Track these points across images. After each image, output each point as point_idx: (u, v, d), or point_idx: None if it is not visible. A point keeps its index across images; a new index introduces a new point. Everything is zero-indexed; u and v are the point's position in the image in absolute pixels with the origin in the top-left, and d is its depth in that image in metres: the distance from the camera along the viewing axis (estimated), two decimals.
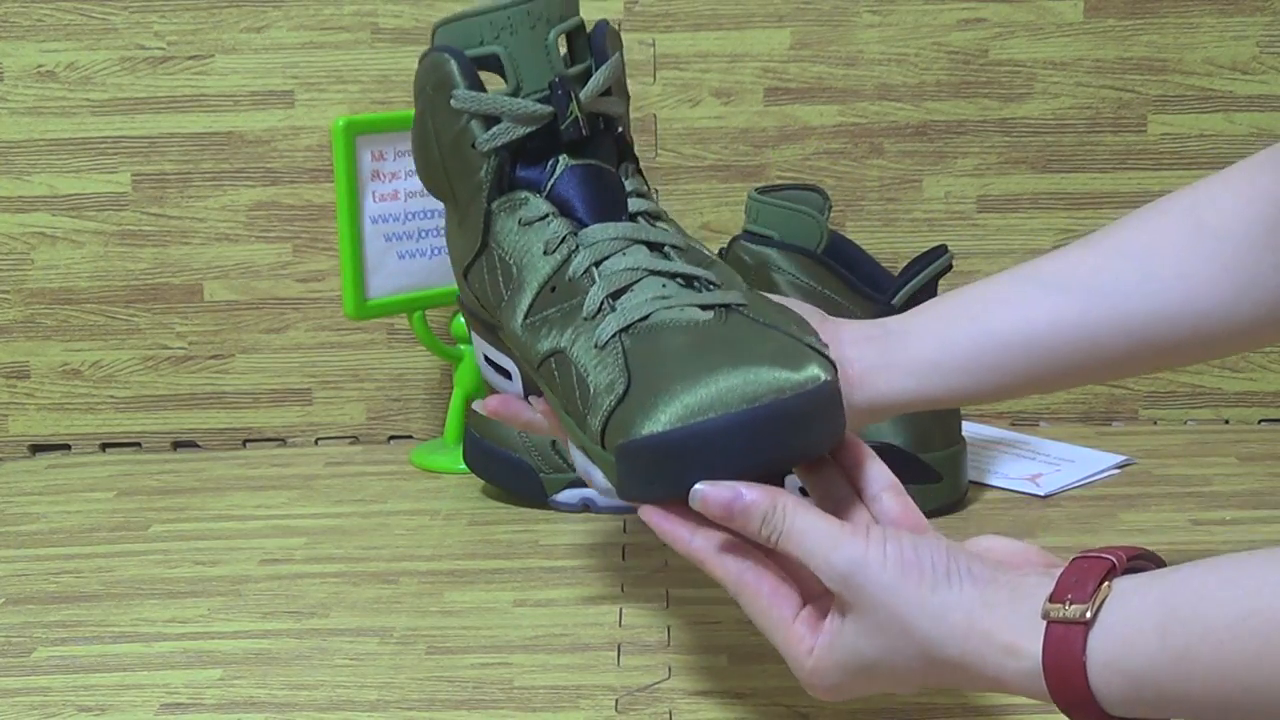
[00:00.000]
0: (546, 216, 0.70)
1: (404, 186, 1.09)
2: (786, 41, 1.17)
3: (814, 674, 0.61)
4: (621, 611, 0.85)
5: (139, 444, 1.22)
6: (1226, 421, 1.19)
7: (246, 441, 1.22)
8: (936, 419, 0.98)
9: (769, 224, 0.99)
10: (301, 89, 1.18)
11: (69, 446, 1.22)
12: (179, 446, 1.22)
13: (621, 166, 0.72)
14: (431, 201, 1.10)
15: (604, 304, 0.66)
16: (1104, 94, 1.17)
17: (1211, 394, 1.20)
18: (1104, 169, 1.18)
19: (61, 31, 1.17)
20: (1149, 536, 0.93)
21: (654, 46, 1.17)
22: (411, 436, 1.22)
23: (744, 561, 0.62)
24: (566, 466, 1.01)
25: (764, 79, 1.17)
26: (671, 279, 0.67)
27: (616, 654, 0.80)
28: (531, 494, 1.02)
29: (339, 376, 1.22)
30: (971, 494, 1.02)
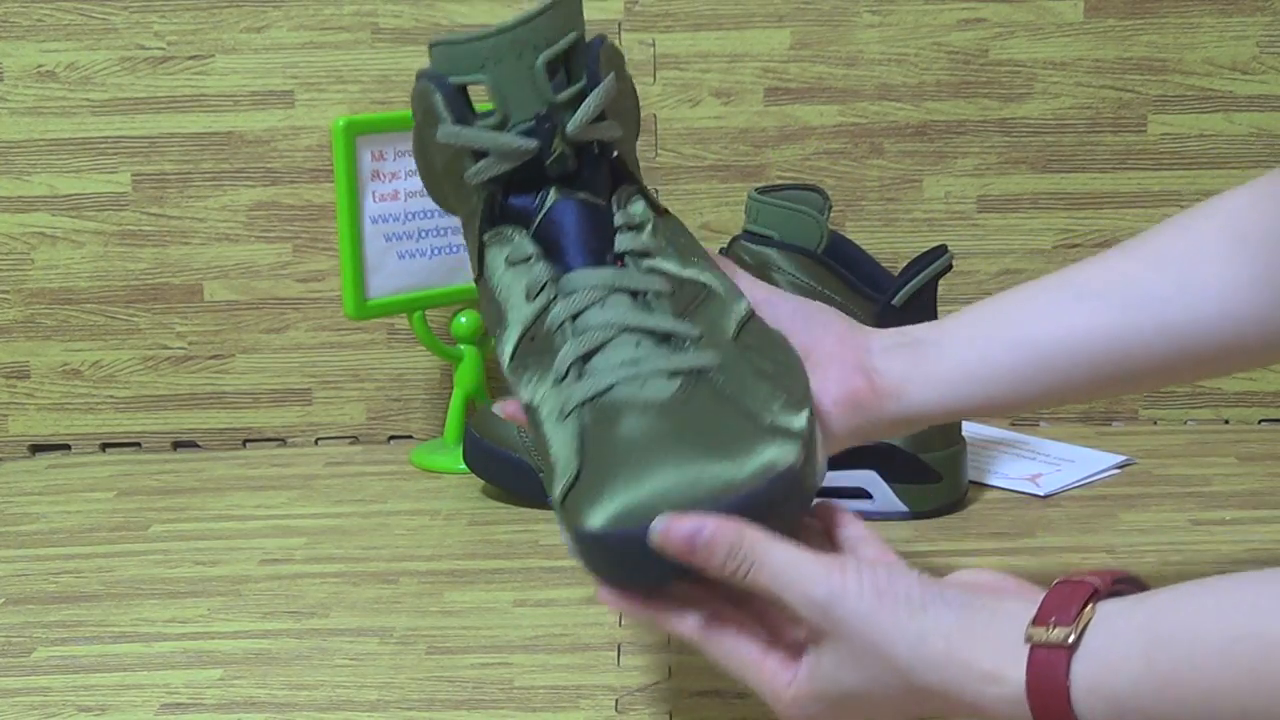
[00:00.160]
0: (530, 258, 0.68)
1: (404, 186, 1.09)
2: (786, 41, 1.17)
3: (793, 705, 0.60)
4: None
5: (139, 444, 1.22)
6: (1226, 421, 1.19)
7: (246, 441, 1.22)
8: None
9: (769, 224, 0.99)
10: (301, 89, 1.18)
11: (69, 446, 1.22)
12: (179, 446, 1.22)
13: (617, 193, 0.70)
14: (431, 201, 1.10)
15: (571, 369, 0.65)
16: (1104, 94, 1.17)
17: (1211, 394, 1.20)
18: (1104, 169, 1.18)
19: (61, 31, 1.17)
20: (1149, 536, 0.93)
21: (654, 46, 1.17)
22: (411, 436, 1.22)
23: (704, 611, 0.61)
24: None
25: (764, 79, 1.17)
26: (647, 336, 0.65)
27: (616, 654, 0.80)
28: (531, 494, 1.02)
29: (339, 376, 1.22)
30: (971, 494, 1.02)
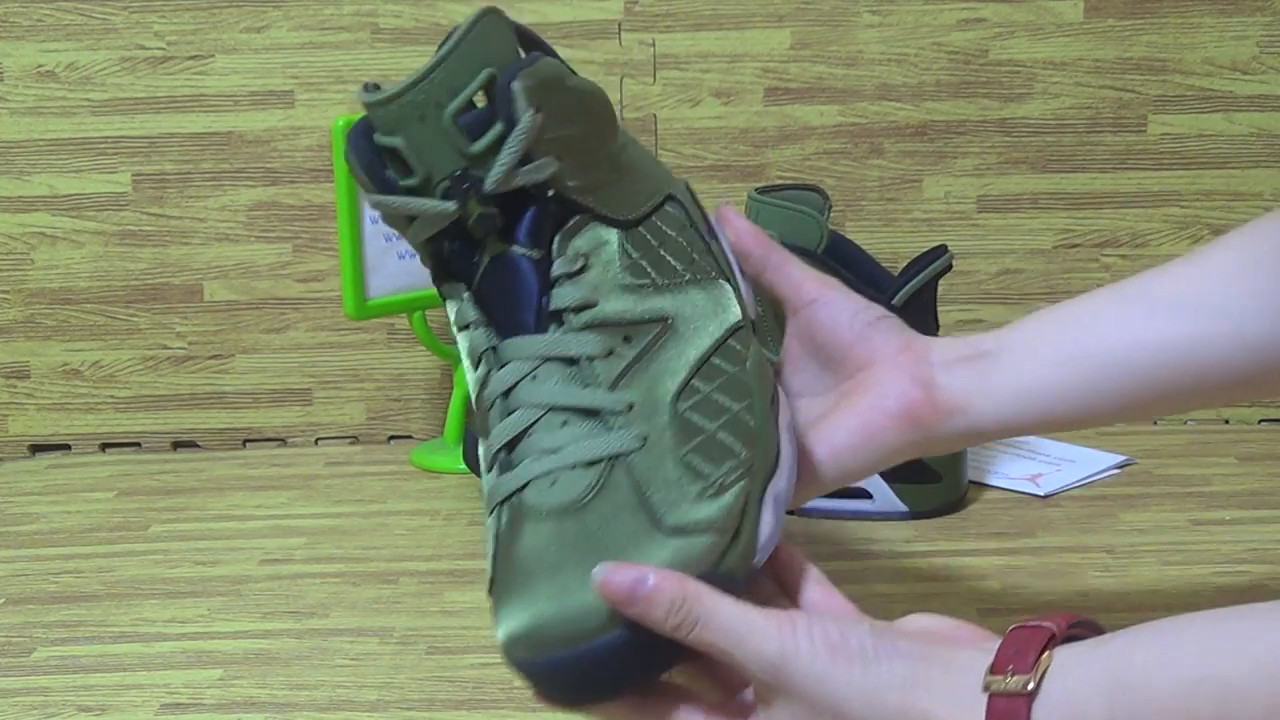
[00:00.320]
0: (469, 325, 0.66)
1: None
2: (786, 41, 1.17)
3: None
4: None
5: (139, 444, 1.22)
6: (1226, 421, 1.19)
7: (246, 441, 1.22)
8: None
9: (769, 224, 0.99)
10: (301, 89, 1.18)
11: (69, 446, 1.22)
12: (179, 446, 1.22)
13: (561, 232, 0.65)
14: None
15: (497, 458, 0.64)
16: (1104, 94, 1.17)
17: None
18: (1104, 169, 1.18)
19: (61, 31, 1.17)
20: (1149, 536, 0.93)
21: (654, 46, 1.17)
22: (411, 436, 1.22)
23: (632, 699, 0.59)
24: None
25: (764, 79, 1.17)
26: (574, 414, 0.63)
27: None
28: None
29: (339, 376, 1.22)
30: (971, 494, 1.02)
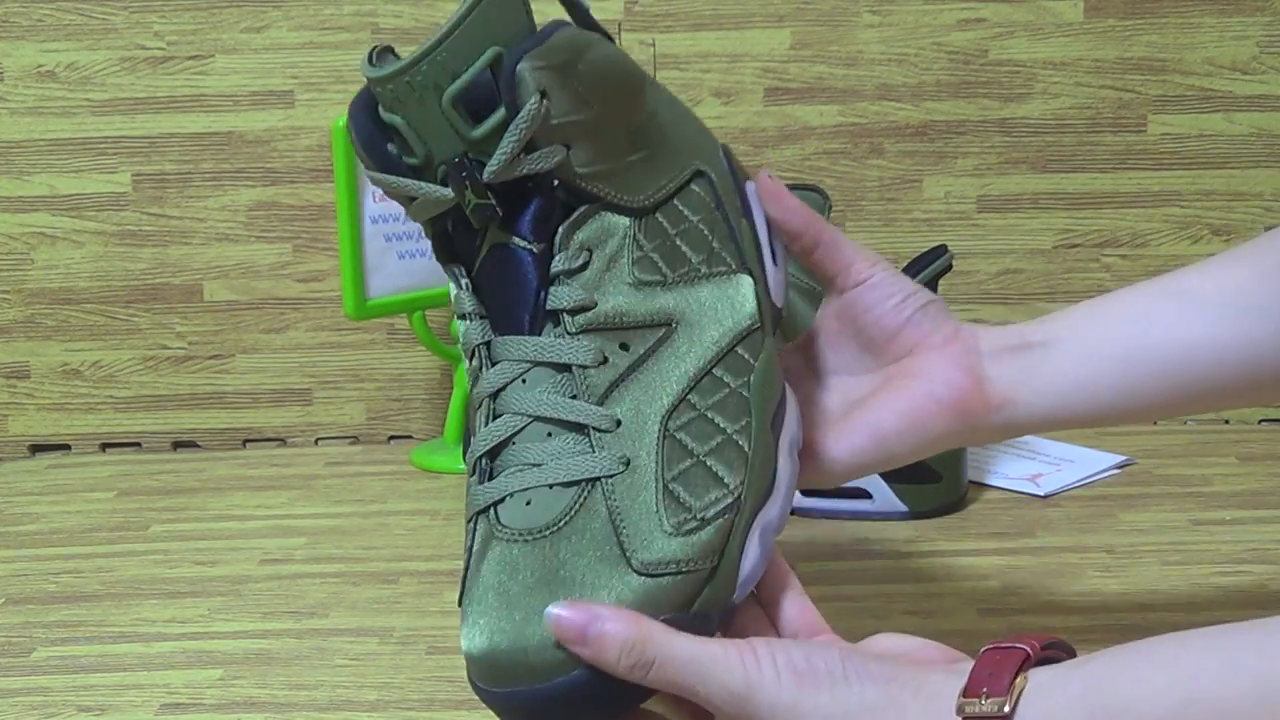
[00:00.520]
0: (466, 316, 0.64)
1: None
2: (786, 41, 1.17)
3: None
4: None
5: (139, 444, 1.22)
6: (1226, 421, 1.19)
7: (246, 441, 1.22)
8: None
9: None
10: (301, 89, 1.18)
11: (69, 446, 1.22)
12: (179, 446, 1.22)
13: (566, 224, 0.62)
14: None
15: (479, 465, 0.62)
16: (1104, 94, 1.17)
17: None
18: (1104, 169, 1.18)
19: (61, 31, 1.17)
20: (1149, 536, 0.93)
21: (654, 46, 1.17)
22: (411, 436, 1.22)
23: None
24: None
25: (764, 79, 1.17)
26: (559, 427, 0.61)
27: None
28: None
29: (339, 376, 1.22)
30: (971, 494, 1.02)
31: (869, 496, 0.98)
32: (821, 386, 0.72)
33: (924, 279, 0.97)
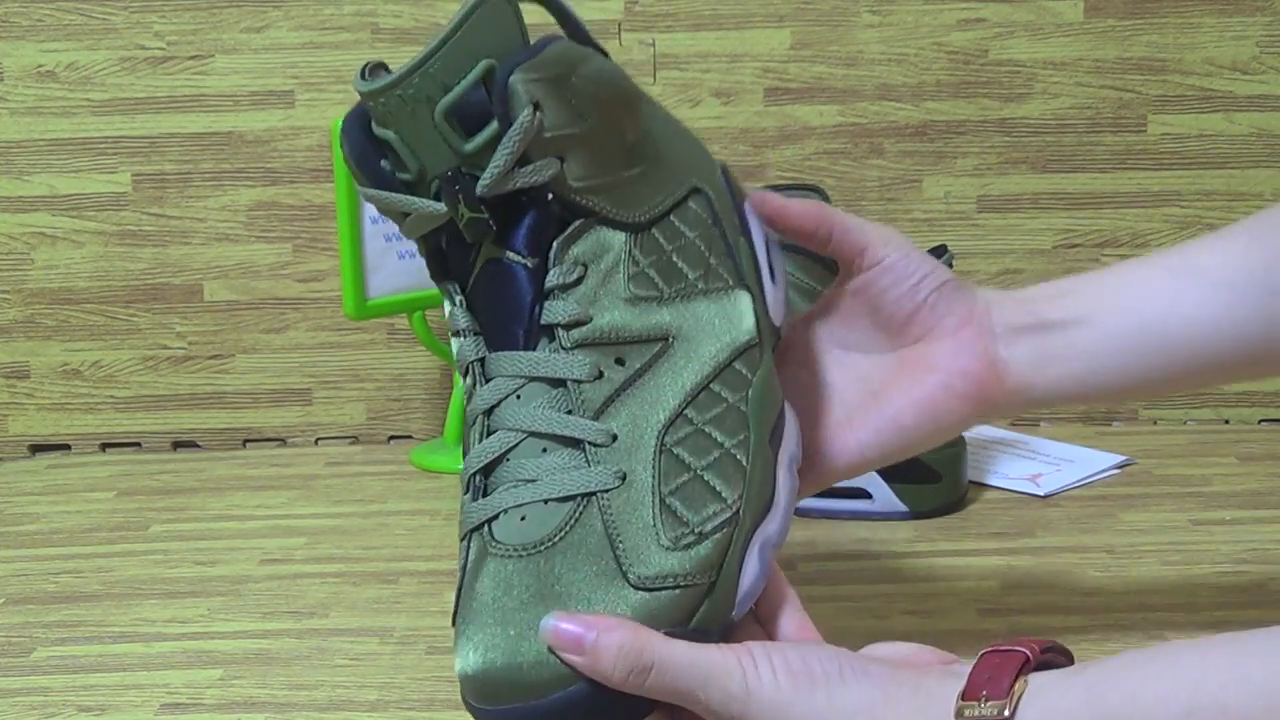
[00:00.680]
0: (460, 333, 0.63)
1: None
2: (786, 41, 1.17)
3: None
4: None
5: (139, 444, 1.22)
6: (1226, 421, 1.19)
7: (246, 441, 1.22)
8: None
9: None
10: (301, 89, 1.18)
11: (69, 446, 1.22)
12: (179, 446, 1.22)
13: (561, 239, 0.61)
14: None
15: (472, 482, 0.62)
16: (1104, 94, 1.17)
17: (1211, 394, 1.20)
18: (1104, 169, 1.18)
19: (61, 31, 1.17)
20: (1149, 536, 0.93)
21: (654, 46, 1.17)
22: (411, 436, 1.22)
23: None
24: None
25: (764, 79, 1.17)
26: (554, 442, 0.60)
27: None
28: None
29: (339, 376, 1.22)
30: (971, 494, 1.02)
31: (869, 496, 0.98)
32: (835, 363, 0.71)
33: None
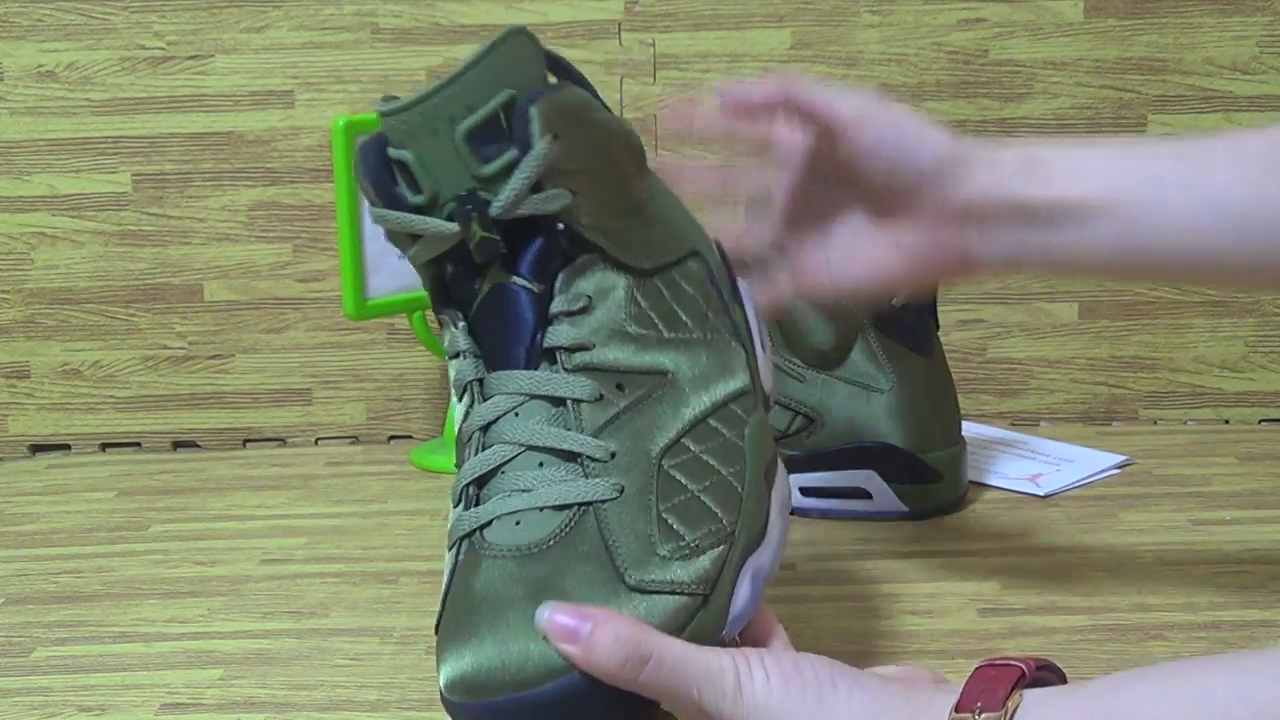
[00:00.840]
0: (459, 355, 0.63)
1: None
2: (786, 41, 1.17)
3: None
4: None
5: (139, 444, 1.22)
6: (1226, 421, 1.19)
7: (246, 441, 1.22)
8: (936, 419, 0.98)
9: None
10: (301, 89, 1.18)
11: (69, 446, 1.22)
12: (179, 446, 1.22)
13: (567, 269, 0.62)
14: None
15: (464, 494, 0.62)
16: (1104, 94, 1.17)
17: (1211, 394, 1.20)
18: None
19: (61, 31, 1.17)
20: (1149, 536, 0.93)
21: (654, 46, 1.17)
22: (411, 436, 1.22)
23: None
24: None
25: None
26: (551, 455, 0.60)
27: None
28: None
29: (339, 376, 1.22)
30: (971, 494, 1.02)
31: (869, 496, 0.98)
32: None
33: None
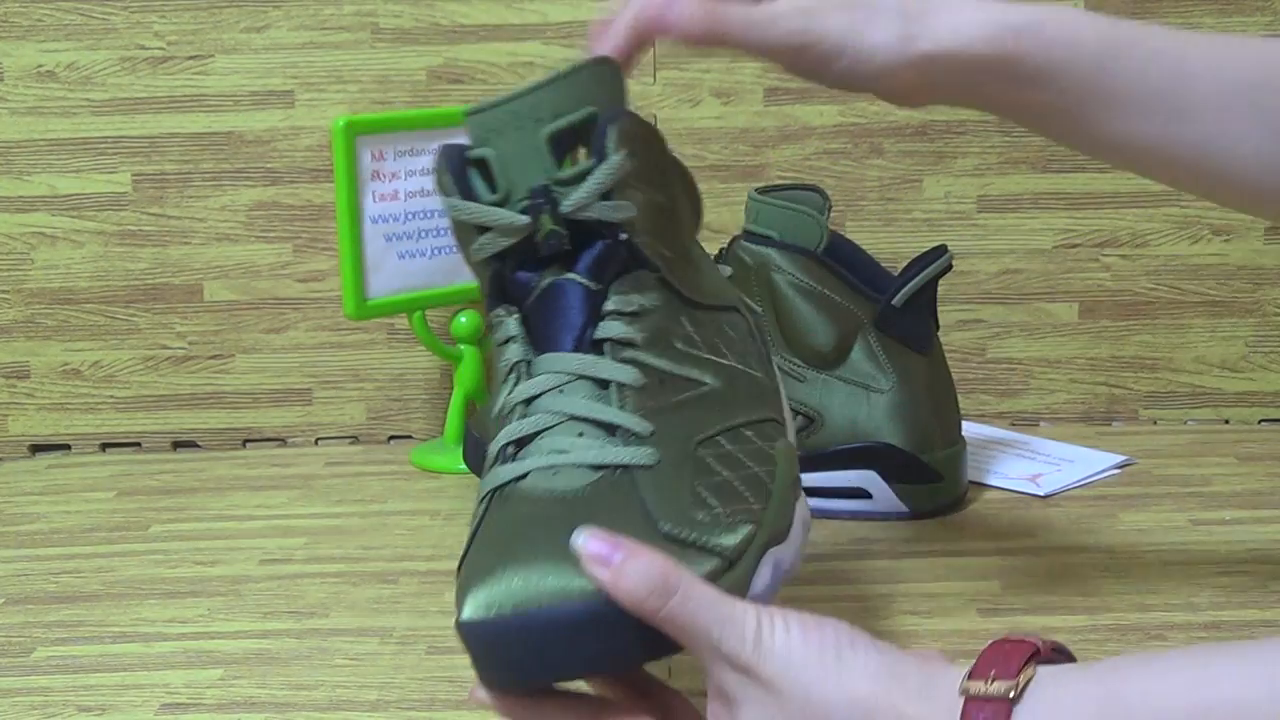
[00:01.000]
0: (510, 340, 0.65)
1: (404, 186, 1.09)
2: None
3: None
4: None
5: (139, 444, 1.22)
6: (1226, 421, 1.19)
7: (246, 441, 1.22)
8: (936, 419, 0.98)
9: (769, 224, 0.99)
10: (301, 89, 1.18)
11: (69, 446, 1.22)
12: (179, 446, 1.22)
13: (623, 279, 0.65)
14: (432, 201, 1.10)
15: (501, 454, 0.63)
16: None
17: (1211, 394, 1.20)
18: (1104, 169, 1.18)
19: (61, 31, 1.17)
20: (1149, 536, 0.93)
21: (654, 46, 1.17)
22: (411, 436, 1.22)
23: (581, 702, 0.58)
24: None
25: (764, 79, 1.17)
26: (592, 426, 0.62)
27: None
28: None
29: (339, 376, 1.22)
30: (971, 494, 1.02)
31: (869, 496, 0.98)
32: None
33: (924, 279, 0.97)
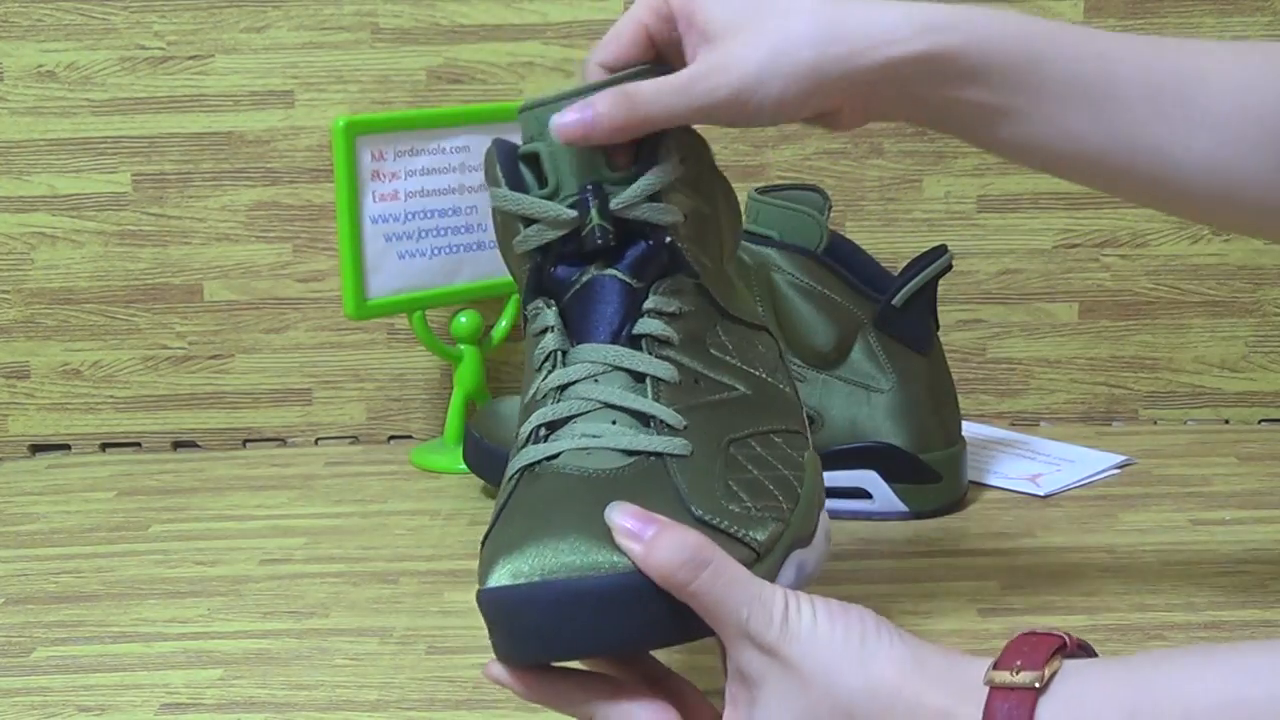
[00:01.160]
0: (547, 330, 0.66)
1: (404, 186, 1.09)
2: None
3: None
4: None
5: (139, 444, 1.22)
6: (1226, 421, 1.19)
7: (246, 441, 1.22)
8: (936, 419, 0.98)
9: (769, 224, 0.99)
10: (301, 89, 1.18)
11: (69, 446, 1.22)
12: (179, 446, 1.22)
13: (663, 280, 0.66)
14: (431, 201, 1.10)
15: (535, 434, 0.64)
16: None
17: (1211, 394, 1.20)
18: None
19: (61, 31, 1.17)
20: (1149, 536, 0.93)
21: None
22: (411, 436, 1.22)
23: (605, 696, 0.58)
24: None
25: None
26: (625, 414, 0.63)
27: None
28: None
29: (339, 376, 1.22)
30: (971, 494, 1.02)
31: (869, 496, 0.98)
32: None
33: (924, 279, 0.97)
